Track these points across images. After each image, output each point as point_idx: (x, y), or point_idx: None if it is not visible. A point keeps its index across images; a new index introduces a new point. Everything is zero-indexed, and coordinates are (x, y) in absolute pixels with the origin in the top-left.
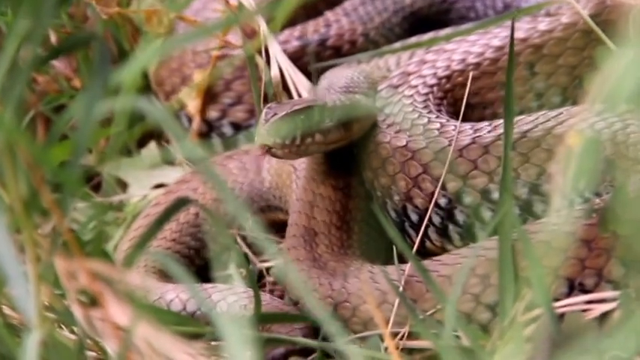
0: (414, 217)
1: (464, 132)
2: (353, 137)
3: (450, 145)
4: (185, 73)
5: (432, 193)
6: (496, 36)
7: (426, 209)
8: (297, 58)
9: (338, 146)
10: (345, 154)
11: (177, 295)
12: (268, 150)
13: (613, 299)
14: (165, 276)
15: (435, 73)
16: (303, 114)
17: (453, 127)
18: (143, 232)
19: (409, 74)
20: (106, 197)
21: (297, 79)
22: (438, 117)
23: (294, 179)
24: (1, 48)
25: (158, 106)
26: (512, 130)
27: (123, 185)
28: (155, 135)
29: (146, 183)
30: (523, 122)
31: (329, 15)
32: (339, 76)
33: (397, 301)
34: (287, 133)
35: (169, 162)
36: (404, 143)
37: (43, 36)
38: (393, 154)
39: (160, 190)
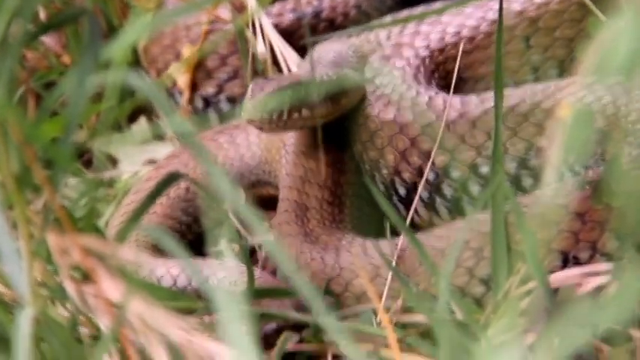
0: (402, 191)
1: (453, 106)
2: (341, 111)
3: (438, 119)
4: (175, 48)
5: (420, 167)
6: (491, 9)
7: (414, 183)
8: (292, 31)
9: (326, 120)
10: (336, 128)
11: (168, 270)
12: (255, 125)
13: (607, 272)
14: (157, 251)
15: (427, 45)
16: (289, 89)
17: (442, 101)
18: (135, 207)
19: (401, 45)
20: (96, 173)
21: (286, 53)
22: (427, 90)
23: (283, 154)
24: None
25: (148, 81)
26: (501, 103)
27: (113, 161)
28: (145, 110)
29: (137, 159)
30: (511, 96)
31: None
32: (328, 50)
33: (390, 275)
34: (273, 108)
35: (160, 137)
36: (392, 116)
37: (32, 12)
38: (381, 128)
39: (151, 166)
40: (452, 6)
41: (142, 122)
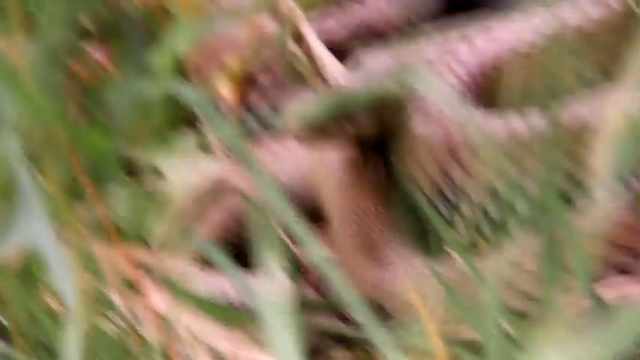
0: (446, 210)
1: (501, 125)
2: (384, 126)
3: (487, 139)
4: (220, 58)
5: (465, 187)
6: (543, 23)
7: (458, 203)
8: (340, 42)
9: (367, 134)
10: (379, 143)
11: (217, 283)
12: (294, 135)
13: None
14: (206, 262)
15: (478, 61)
16: (331, 101)
17: (490, 119)
18: (185, 218)
19: (450, 59)
20: (142, 185)
21: (331, 63)
22: (475, 108)
23: (327, 174)
24: (38, 34)
25: (194, 92)
26: (554, 121)
27: (159, 173)
28: (191, 122)
29: (183, 172)
30: (561, 112)
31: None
32: (374, 62)
33: (442, 293)
34: (312, 119)
35: (205, 149)
36: (440, 134)
37: (78, 23)
38: (426, 146)
39: (197, 178)
40: (505, 19)
41: (188, 133)
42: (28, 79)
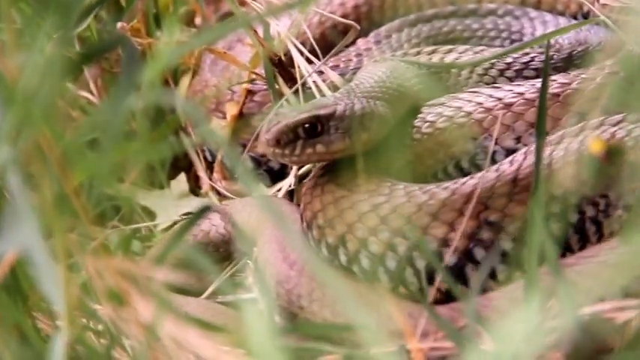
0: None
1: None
2: (362, 147)
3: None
4: (219, 104)
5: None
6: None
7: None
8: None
9: (344, 155)
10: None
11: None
12: (270, 157)
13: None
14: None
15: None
16: (306, 123)
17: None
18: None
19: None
20: (133, 225)
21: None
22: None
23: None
24: (34, 50)
25: (192, 138)
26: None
27: (150, 215)
28: (186, 168)
29: (172, 212)
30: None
31: (360, 44)
32: (368, 77)
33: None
34: (286, 142)
35: (196, 192)
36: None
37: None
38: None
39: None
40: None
41: (181, 178)
42: (21, 93)
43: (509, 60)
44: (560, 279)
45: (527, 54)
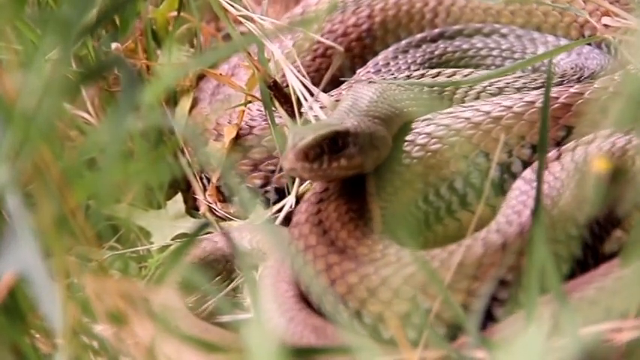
0: None
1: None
2: (373, 164)
3: None
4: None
5: None
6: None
7: None
8: None
9: (355, 173)
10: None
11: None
12: (296, 174)
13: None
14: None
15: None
16: (329, 138)
17: None
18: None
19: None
20: (129, 247)
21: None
22: None
23: None
24: (32, 70)
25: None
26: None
27: (146, 235)
28: (183, 189)
29: (168, 233)
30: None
31: (361, 73)
32: (360, 97)
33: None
34: (314, 157)
35: (192, 214)
36: None
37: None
38: None
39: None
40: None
41: (178, 199)
42: (20, 113)
43: (509, 80)
44: (562, 303)
45: (522, 76)
